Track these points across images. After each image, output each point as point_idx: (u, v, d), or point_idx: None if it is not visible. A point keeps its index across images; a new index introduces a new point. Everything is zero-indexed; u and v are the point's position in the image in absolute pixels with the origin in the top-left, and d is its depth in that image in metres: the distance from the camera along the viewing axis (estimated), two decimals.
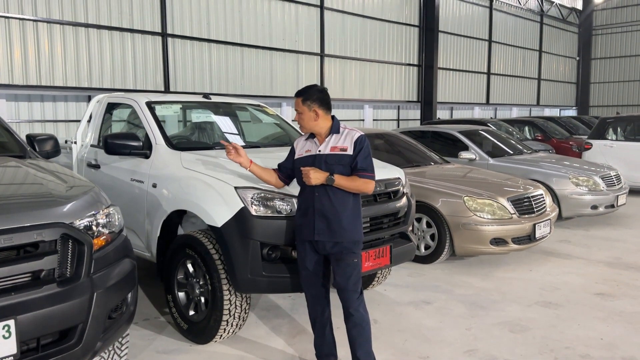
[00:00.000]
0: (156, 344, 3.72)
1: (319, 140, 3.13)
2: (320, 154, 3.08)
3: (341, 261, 3.07)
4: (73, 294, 2.33)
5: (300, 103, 3.10)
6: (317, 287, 3.21)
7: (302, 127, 3.16)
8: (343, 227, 3.02)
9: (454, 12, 20.19)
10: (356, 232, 3.08)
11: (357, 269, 3.09)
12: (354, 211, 3.08)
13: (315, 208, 3.04)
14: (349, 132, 3.10)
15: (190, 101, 5.20)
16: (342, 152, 3.04)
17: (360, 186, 3.03)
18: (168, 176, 3.96)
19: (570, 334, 3.83)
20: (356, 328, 3.09)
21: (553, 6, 26.62)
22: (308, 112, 3.08)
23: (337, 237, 3.03)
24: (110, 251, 2.62)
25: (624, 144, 10.52)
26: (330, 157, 3.05)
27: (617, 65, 28.43)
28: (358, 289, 3.10)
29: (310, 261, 3.14)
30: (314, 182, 2.97)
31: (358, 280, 3.10)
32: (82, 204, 2.60)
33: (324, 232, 3.03)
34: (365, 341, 3.10)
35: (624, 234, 7.09)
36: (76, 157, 5.14)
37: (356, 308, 3.08)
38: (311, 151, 3.13)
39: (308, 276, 3.19)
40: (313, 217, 3.04)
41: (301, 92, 3.13)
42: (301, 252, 3.17)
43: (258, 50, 13.59)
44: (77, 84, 10.40)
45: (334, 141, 3.08)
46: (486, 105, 22.83)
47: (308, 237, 3.08)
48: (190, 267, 3.70)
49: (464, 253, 5.56)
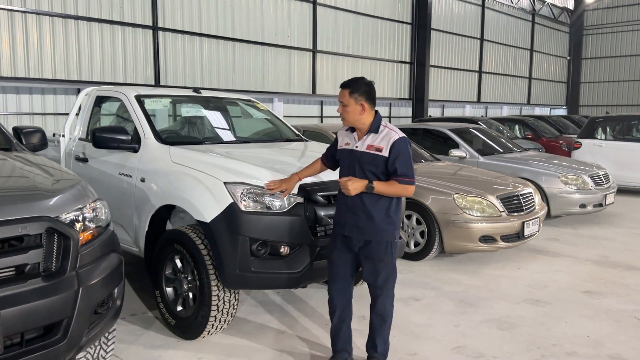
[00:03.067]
0: (144, 339, 3.69)
1: (358, 136, 3.07)
2: (357, 150, 3.03)
3: (370, 259, 3.05)
4: (58, 288, 2.30)
5: (347, 95, 3.01)
6: (343, 281, 3.17)
7: (345, 120, 3.06)
8: (373, 226, 2.98)
9: (446, 9, 20.21)
10: (388, 233, 3.02)
11: (386, 268, 3.06)
12: (388, 211, 3.01)
13: (348, 204, 3.02)
14: (388, 132, 3.00)
15: (180, 95, 5.16)
16: (377, 153, 2.96)
17: (399, 191, 2.96)
18: (157, 171, 3.92)
19: (557, 331, 3.86)
20: (378, 318, 3.12)
21: (545, 5, 26.75)
22: (354, 105, 3.00)
23: (366, 235, 3.00)
24: (96, 246, 2.59)
25: (613, 144, 10.61)
26: (365, 156, 2.99)
27: (608, 66, 28.63)
28: (388, 285, 3.09)
29: (339, 255, 3.12)
30: (353, 193, 2.94)
31: (388, 278, 3.08)
32: (68, 197, 2.56)
33: (352, 228, 3.02)
34: (384, 331, 3.15)
35: (612, 233, 7.15)
36: (64, 151, 5.08)
37: (382, 301, 3.10)
38: (349, 145, 3.09)
39: (335, 269, 3.16)
40: (345, 212, 3.04)
41: (348, 84, 3.04)
42: (332, 245, 3.16)
43: (250, 45, 13.53)
44: (66, 77, 10.30)
45: (371, 139, 3.00)
46: (477, 104, 22.91)
47: (339, 232, 3.08)
48: (179, 262, 3.68)
49: (453, 250, 5.58)
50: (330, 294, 3.21)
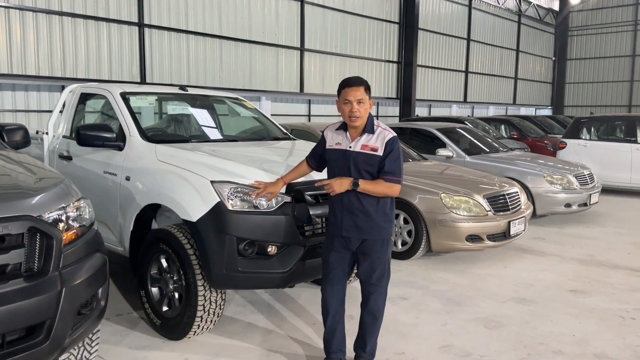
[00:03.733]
0: (129, 339, 3.65)
1: (351, 135, 3.03)
2: (350, 150, 2.99)
3: (367, 256, 3.04)
4: (41, 289, 2.25)
5: (364, 91, 2.95)
6: (338, 283, 3.15)
7: (358, 120, 2.95)
8: (371, 225, 2.97)
9: (433, 9, 20.30)
10: (386, 231, 3.02)
11: (382, 265, 3.05)
12: (384, 208, 3.00)
13: (344, 204, 2.99)
14: (381, 131, 2.98)
15: (166, 93, 5.10)
16: (373, 152, 2.94)
17: (385, 190, 2.93)
18: (142, 169, 3.88)
19: (543, 330, 3.88)
20: (370, 317, 3.10)
21: (531, 6, 26.98)
22: (368, 102, 2.97)
23: (365, 234, 2.99)
24: (80, 245, 2.54)
25: (597, 144, 10.73)
26: (360, 156, 2.96)
27: (592, 66, 28.99)
28: (382, 282, 3.08)
29: (336, 256, 3.09)
30: (338, 191, 2.93)
31: (383, 275, 3.07)
32: (51, 196, 2.51)
33: (351, 228, 3.00)
34: (375, 330, 3.13)
35: (597, 232, 7.22)
36: (47, 148, 5.00)
37: (375, 299, 3.08)
38: (341, 145, 3.04)
39: (331, 270, 3.12)
40: (341, 212, 3.01)
41: (361, 81, 2.98)
42: (328, 246, 3.13)
43: (237, 43, 13.46)
44: (50, 74, 10.16)
45: (366, 139, 2.97)
46: (464, 104, 23.05)
47: (335, 232, 3.06)
48: (164, 262, 3.63)
49: (440, 249, 5.59)
50: (324, 296, 3.19)
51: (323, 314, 3.21)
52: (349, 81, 3.00)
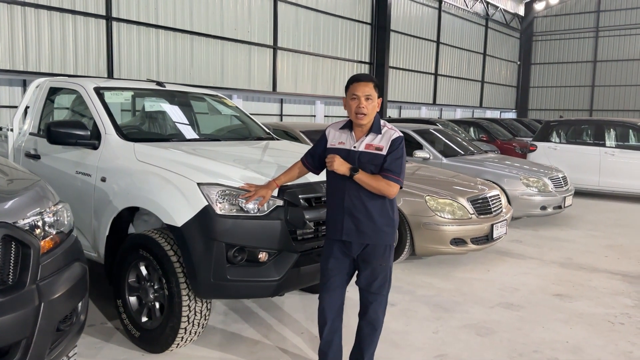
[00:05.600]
0: (104, 353, 3.40)
1: (356, 135, 2.88)
2: (355, 150, 2.84)
3: (368, 263, 2.87)
4: (16, 304, 2.02)
5: (373, 87, 2.81)
6: (337, 291, 2.98)
7: (366, 117, 2.80)
8: (374, 229, 2.81)
9: (404, 11, 20.40)
10: (388, 236, 2.86)
11: (383, 273, 2.90)
12: (388, 213, 2.85)
13: (345, 206, 2.82)
14: (387, 130, 2.84)
15: (143, 88, 4.82)
16: (377, 152, 2.79)
17: (382, 187, 2.76)
18: (119, 169, 3.63)
19: (535, 337, 3.82)
20: (369, 327, 2.96)
21: (498, 11, 27.48)
22: (377, 99, 2.83)
23: (366, 239, 2.83)
24: (59, 254, 2.30)
25: (567, 147, 10.91)
26: (364, 155, 2.81)
27: (555, 71, 29.77)
28: (383, 291, 2.93)
29: (335, 263, 2.92)
30: (335, 168, 2.76)
31: (384, 283, 2.92)
32: (26, 200, 2.27)
33: (352, 232, 2.83)
34: (374, 341, 2.99)
35: (571, 235, 7.29)
36: (12, 146, 4.67)
37: (375, 308, 2.93)
38: (345, 144, 2.88)
39: (329, 278, 2.95)
40: (342, 215, 2.83)
41: (370, 77, 2.84)
42: (326, 252, 2.95)
43: (209, 39, 13.14)
44: (11, 67, 9.64)
45: (371, 139, 2.82)
46: (432, 106, 23.28)
47: (335, 237, 2.88)
48: (144, 269, 3.40)
49: (424, 253, 5.50)
50: (321, 304, 3.01)
51: (319, 324, 3.04)
52: (358, 76, 2.87)
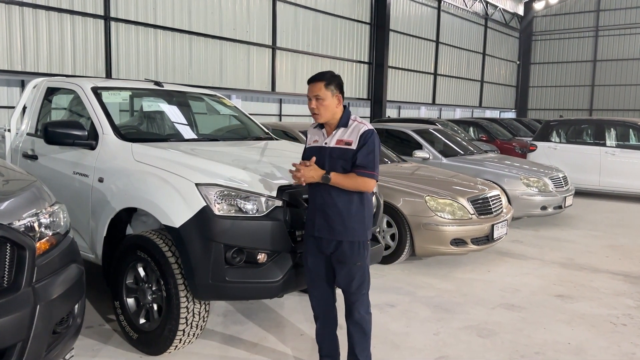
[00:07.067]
0: (102, 355, 3.36)
1: (327, 131, 2.92)
2: (326, 146, 2.87)
3: (343, 263, 2.87)
4: (11, 307, 1.98)
5: (322, 88, 2.84)
6: (320, 287, 3.01)
7: (320, 117, 2.87)
8: (345, 226, 2.82)
9: (404, 11, 20.37)
10: (360, 233, 2.86)
11: (360, 272, 2.89)
12: (360, 209, 2.85)
13: (317, 203, 2.86)
14: (357, 125, 2.88)
15: (141, 88, 4.79)
16: (347, 147, 2.83)
17: (359, 185, 2.80)
18: (117, 170, 3.59)
19: (537, 338, 3.78)
20: (355, 327, 2.95)
21: (497, 10, 27.46)
22: (331, 99, 2.85)
23: (337, 235, 2.83)
24: (55, 256, 2.27)
25: (567, 146, 10.88)
26: (335, 151, 2.85)
27: (555, 71, 29.75)
28: (362, 290, 2.92)
29: (312, 259, 2.96)
30: (307, 181, 2.79)
31: (362, 282, 2.91)
32: (22, 201, 2.24)
33: (323, 228, 2.84)
34: (364, 341, 2.97)
35: (572, 235, 7.26)
36: (10, 147, 4.63)
37: (357, 309, 2.92)
38: (318, 142, 2.93)
39: (311, 275, 3.00)
40: (314, 212, 2.87)
41: (320, 77, 2.87)
42: (305, 249, 2.99)
43: (207, 39, 13.11)
44: (9, 67, 9.61)
45: (341, 134, 2.86)
46: (432, 105, 23.24)
47: (309, 232, 2.92)
48: (142, 270, 3.36)
49: (424, 253, 5.47)
50: (310, 301, 3.07)
51: (314, 318, 3.11)
52: (310, 78, 2.92)
